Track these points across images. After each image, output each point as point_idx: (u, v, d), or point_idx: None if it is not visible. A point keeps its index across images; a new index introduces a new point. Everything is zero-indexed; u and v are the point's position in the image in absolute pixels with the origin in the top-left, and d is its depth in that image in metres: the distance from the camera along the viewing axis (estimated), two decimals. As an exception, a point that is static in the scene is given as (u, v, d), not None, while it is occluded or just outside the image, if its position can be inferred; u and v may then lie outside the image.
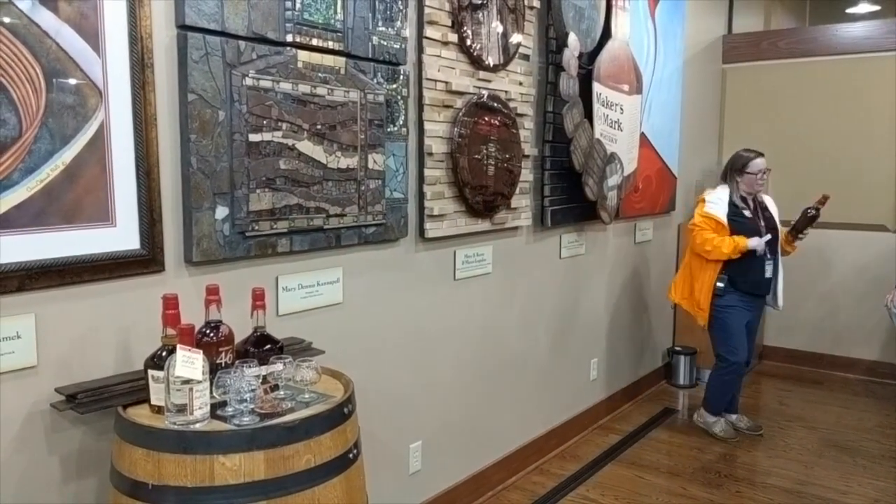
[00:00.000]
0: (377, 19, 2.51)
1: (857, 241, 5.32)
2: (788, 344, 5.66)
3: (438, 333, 3.06)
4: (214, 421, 1.67)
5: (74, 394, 1.76)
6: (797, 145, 5.49)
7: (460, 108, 2.93)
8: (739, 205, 3.98)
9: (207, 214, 2.04)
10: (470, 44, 2.94)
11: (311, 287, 2.43)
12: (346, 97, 2.40)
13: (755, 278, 3.98)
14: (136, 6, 1.85)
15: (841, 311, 5.45)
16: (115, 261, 1.87)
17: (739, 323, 4.02)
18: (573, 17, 3.62)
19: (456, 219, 3.00)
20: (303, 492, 1.66)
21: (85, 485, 1.88)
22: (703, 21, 5.38)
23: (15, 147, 1.66)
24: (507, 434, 3.57)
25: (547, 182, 3.62)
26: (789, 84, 5.52)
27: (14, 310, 1.71)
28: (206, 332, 1.83)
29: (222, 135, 2.05)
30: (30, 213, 1.70)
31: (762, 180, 3.95)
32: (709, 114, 5.68)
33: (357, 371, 2.21)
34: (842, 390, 5.09)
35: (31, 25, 1.67)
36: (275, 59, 2.17)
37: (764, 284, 4.02)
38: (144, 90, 1.88)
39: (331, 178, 2.38)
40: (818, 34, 5.46)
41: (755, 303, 4.09)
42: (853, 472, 3.74)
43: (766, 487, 3.55)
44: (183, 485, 1.58)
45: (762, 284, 4.01)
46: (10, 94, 1.64)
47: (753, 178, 3.92)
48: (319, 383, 1.87)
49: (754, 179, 3.92)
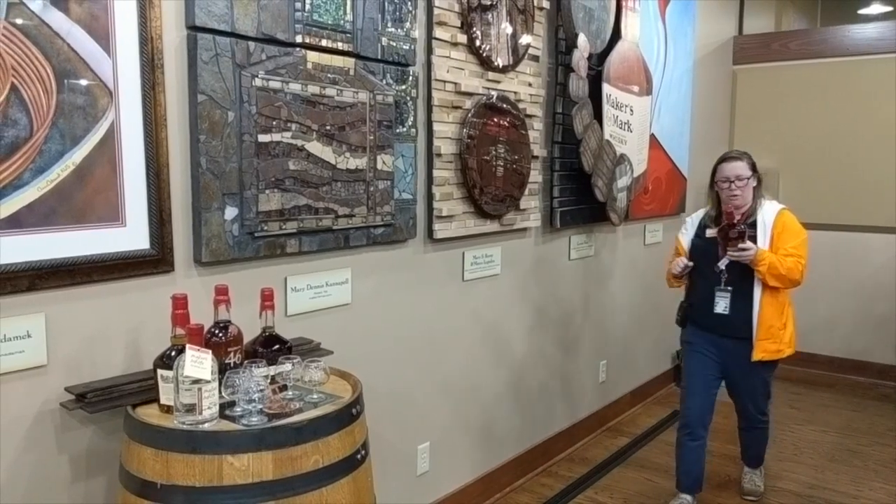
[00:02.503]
0: (386, 20, 2.51)
1: (869, 243, 5.28)
2: (800, 347, 5.53)
3: (447, 334, 3.05)
4: (223, 421, 1.67)
5: (84, 393, 1.76)
6: (808, 147, 5.46)
7: (469, 109, 2.92)
8: (706, 223, 3.12)
9: (217, 215, 2.04)
10: (479, 45, 2.94)
11: (320, 288, 2.43)
12: (355, 98, 2.41)
13: (703, 312, 3.11)
14: (147, 7, 1.86)
15: (852, 314, 5.40)
16: (125, 261, 1.88)
17: (697, 367, 3.16)
18: (583, 18, 3.61)
19: (464, 220, 2.99)
20: (311, 492, 1.66)
21: (94, 484, 1.89)
22: (714, 22, 5.36)
23: (26, 147, 1.67)
24: (515, 436, 3.56)
25: (556, 183, 3.61)
26: (800, 86, 5.50)
27: (24, 309, 1.72)
28: (215, 333, 1.83)
29: (232, 135, 2.06)
30: (40, 213, 1.71)
31: (735, 190, 2.99)
32: (719, 115, 5.66)
33: (365, 372, 2.20)
34: (853, 393, 5.05)
35: (42, 26, 1.68)
36: (284, 60, 2.17)
37: (714, 322, 3.07)
38: (154, 91, 1.89)
39: (340, 179, 2.38)
40: (829, 35, 5.43)
41: (721, 346, 3.10)
42: (864, 476, 3.71)
43: (777, 491, 3.53)
44: (191, 484, 1.58)
45: (712, 322, 3.08)
46: (21, 94, 1.65)
47: (722, 187, 3.05)
48: (328, 384, 1.87)
49: (724, 189, 3.03)
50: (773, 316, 3.01)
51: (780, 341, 3.05)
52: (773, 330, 3.02)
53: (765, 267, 2.90)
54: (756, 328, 3.01)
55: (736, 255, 2.90)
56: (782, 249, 2.96)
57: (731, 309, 3.02)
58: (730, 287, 3.02)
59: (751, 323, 3.01)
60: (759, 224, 3.02)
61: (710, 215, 3.14)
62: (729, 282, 3.01)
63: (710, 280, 3.05)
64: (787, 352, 3.08)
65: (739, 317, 3.02)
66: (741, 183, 2.99)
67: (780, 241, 2.98)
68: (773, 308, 3.01)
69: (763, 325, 3.01)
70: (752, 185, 3.03)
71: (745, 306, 3.01)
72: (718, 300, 3.04)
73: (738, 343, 3.05)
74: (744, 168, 3.01)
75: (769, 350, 3.03)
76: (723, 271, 3.00)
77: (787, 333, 3.07)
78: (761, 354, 3.02)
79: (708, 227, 3.08)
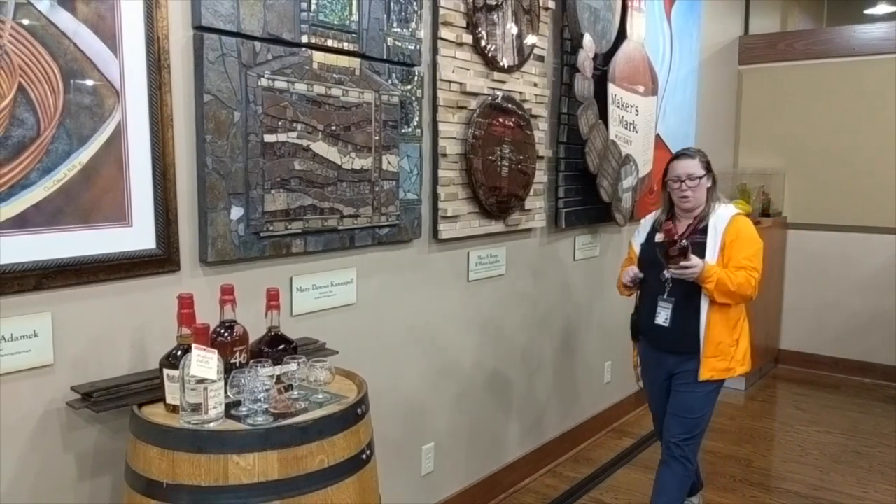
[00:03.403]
0: (392, 20, 2.51)
1: (875, 243, 5.27)
2: (805, 348, 5.61)
3: (452, 334, 3.05)
4: (228, 420, 1.67)
5: (90, 392, 1.77)
6: (815, 148, 5.45)
7: (474, 110, 2.92)
8: (657, 227, 2.83)
9: (222, 215, 2.05)
10: (484, 45, 2.94)
11: (325, 287, 2.44)
12: (360, 98, 2.41)
13: (645, 324, 2.87)
14: (153, 7, 1.86)
15: (858, 315, 5.38)
16: (131, 260, 1.88)
17: (652, 386, 2.95)
18: (588, 19, 3.61)
19: (469, 220, 2.99)
20: (316, 492, 1.66)
21: (100, 483, 1.89)
22: (720, 22, 5.35)
23: (33, 147, 1.68)
24: (520, 436, 3.56)
25: (561, 183, 3.61)
26: (806, 86, 5.48)
27: (31, 308, 1.72)
28: (221, 332, 1.83)
29: (237, 135, 2.06)
30: (47, 213, 1.71)
31: (686, 190, 2.71)
32: (724, 116, 5.64)
33: (370, 372, 2.20)
34: (858, 395, 5.04)
35: (49, 26, 1.68)
36: (290, 60, 2.17)
37: (656, 335, 2.81)
38: (161, 91, 1.89)
39: (345, 179, 2.38)
40: (836, 35, 5.41)
41: (664, 361, 2.84)
42: (870, 477, 3.70)
43: (782, 492, 3.52)
44: (197, 484, 1.58)
45: (654, 334, 2.83)
46: (28, 94, 1.66)
47: (672, 189, 2.78)
48: (333, 384, 1.87)
49: (674, 189, 2.76)
50: (723, 332, 2.71)
51: (732, 359, 2.73)
52: (723, 346, 2.71)
53: (712, 284, 2.60)
54: (703, 344, 2.70)
55: (678, 272, 2.60)
56: (734, 261, 2.65)
57: (673, 321, 2.73)
58: (672, 298, 2.73)
59: (697, 337, 2.71)
60: (711, 229, 2.70)
61: (659, 220, 2.84)
62: (672, 292, 2.73)
63: (656, 289, 2.78)
64: (740, 370, 2.77)
65: (683, 330, 2.72)
66: (693, 183, 2.70)
67: (731, 250, 2.67)
68: (723, 323, 2.70)
69: (711, 340, 2.70)
70: (705, 186, 2.74)
71: (691, 320, 2.71)
72: (660, 311, 2.77)
73: (681, 359, 2.76)
74: (697, 167, 2.73)
75: (718, 368, 2.71)
76: (667, 280, 2.71)
77: (741, 350, 2.76)
78: (709, 373, 2.71)
79: (658, 231, 2.79)
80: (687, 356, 2.74)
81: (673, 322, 2.74)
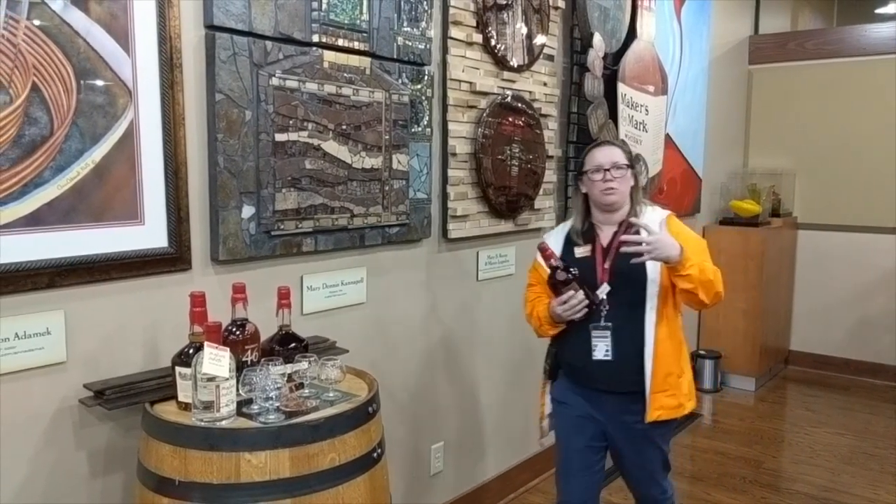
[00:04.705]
0: (402, 20, 2.51)
1: (886, 244, 5.23)
2: (815, 349, 5.57)
3: (461, 333, 3.05)
4: (240, 418, 1.67)
5: (102, 390, 1.78)
6: (826, 148, 5.42)
7: (484, 109, 2.92)
8: (573, 238, 2.31)
9: (234, 213, 2.05)
10: (494, 44, 2.93)
11: (336, 286, 2.44)
12: (371, 97, 2.41)
13: (576, 361, 2.27)
14: (165, 6, 1.87)
15: (868, 316, 5.35)
16: (143, 259, 1.89)
17: (572, 436, 2.33)
18: (598, 18, 3.60)
19: (479, 219, 2.99)
20: (327, 490, 1.66)
21: (112, 480, 1.90)
22: (730, 22, 5.33)
23: (46, 146, 1.69)
24: (529, 436, 3.54)
25: (571, 183, 3.59)
26: (817, 86, 5.45)
27: (44, 306, 1.73)
28: (233, 330, 1.84)
29: (249, 134, 2.07)
30: (60, 211, 1.72)
31: (612, 182, 2.20)
32: (734, 115, 5.62)
33: (379, 370, 2.21)
34: (869, 396, 5.00)
35: (62, 25, 1.69)
36: (301, 60, 2.18)
37: (593, 372, 2.23)
38: (173, 90, 1.90)
39: (355, 178, 2.39)
40: (846, 35, 5.38)
41: (601, 404, 2.26)
42: (881, 479, 3.68)
43: (792, 494, 3.50)
44: (209, 481, 1.59)
45: (589, 372, 2.24)
46: (42, 93, 1.67)
47: (593, 182, 2.24)
48: (344, 382, 1.87)
49: (596, 181, 2.23)
50: (671, 360, 2.21)
51: (680, 393, 2.23)
52: (672, 379, 2.21)
53: (695, 270, 2.08)
54: (650, 377, 2.18)
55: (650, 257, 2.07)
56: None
57: (615, 353, 2.19)
58: (609, 323, 2.19)
59: (642, 370, 2.18)
60: (644, 235, 2.11)
61: (575, 229, 2.33)
62: (610, 316, 2.19)
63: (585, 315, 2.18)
64: (689, 406, 2.26)
65: (627, 363, 2.19)
66: (619, 173, 2.20)
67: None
68: (671, 350, 2.22)
69: (659, 372, 2.18)
70: (629, 182, 2.25)
71: (633, 348, 2.19)
72: (597, 342, 2.19)
73: (624, 400, 2.23)
74: (621, 155, 2.24)
75: (668, 406, 2.20)
76: (603, 301, 2.18)
77: (686, 382, 2.26)
78: (658, 413, 2.19)
79: (576, 244, 2.29)
80: (632, 395, 2.22)
81: (615, 353, 2.19)
